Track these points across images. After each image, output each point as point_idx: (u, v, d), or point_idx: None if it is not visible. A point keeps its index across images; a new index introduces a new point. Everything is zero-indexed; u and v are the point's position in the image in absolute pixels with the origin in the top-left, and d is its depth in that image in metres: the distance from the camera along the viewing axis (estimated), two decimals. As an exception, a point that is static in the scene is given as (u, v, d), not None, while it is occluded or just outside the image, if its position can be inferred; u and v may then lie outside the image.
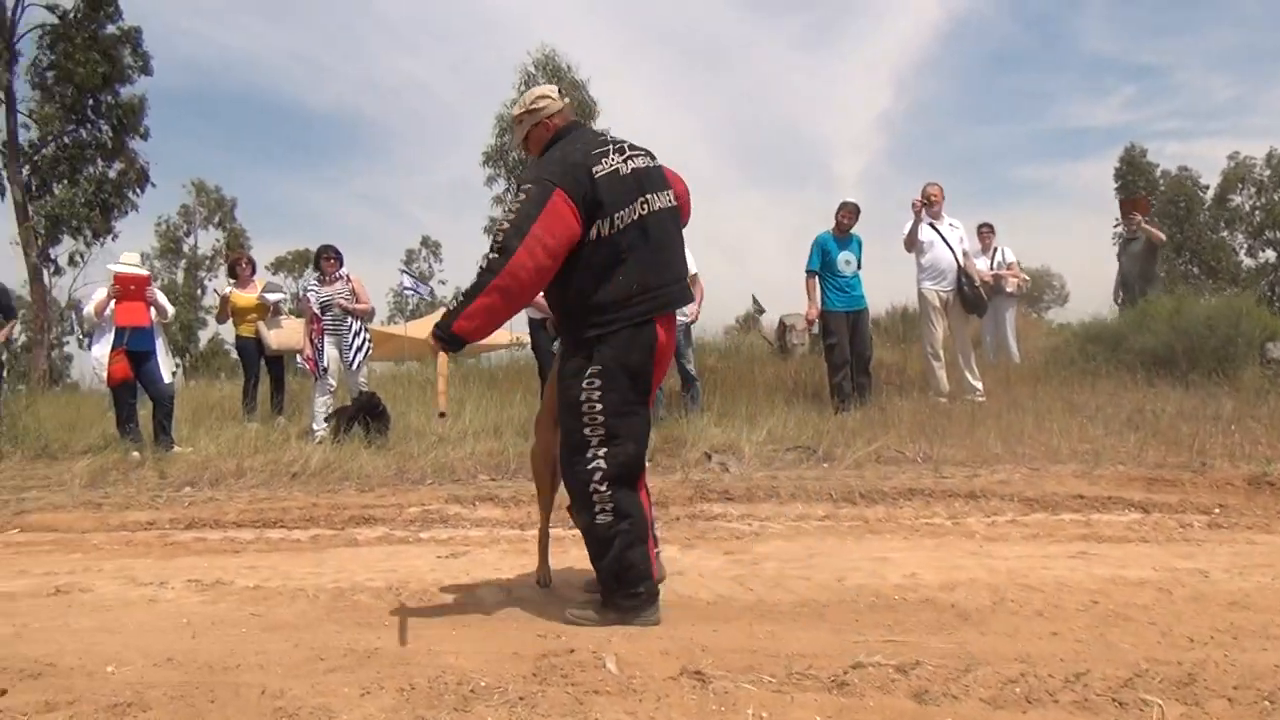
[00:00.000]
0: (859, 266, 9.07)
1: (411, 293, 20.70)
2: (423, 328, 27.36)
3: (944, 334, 9.45)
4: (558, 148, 3.76)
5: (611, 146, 3.73)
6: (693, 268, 8.48)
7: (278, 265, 57.24)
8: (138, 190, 27.77)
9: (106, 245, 26.65)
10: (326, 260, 9.06)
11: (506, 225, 3.50)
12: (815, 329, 9.73)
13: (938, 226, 9.31)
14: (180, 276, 50.66)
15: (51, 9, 25.50)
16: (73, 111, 26.28)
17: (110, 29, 26.40)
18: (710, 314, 14.91)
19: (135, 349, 8.47)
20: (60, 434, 9.23)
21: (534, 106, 3.90)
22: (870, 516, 5.81)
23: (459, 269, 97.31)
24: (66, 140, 26.42)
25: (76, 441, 9.10)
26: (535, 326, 8.36)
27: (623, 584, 3.70)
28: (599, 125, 36.59)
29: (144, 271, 8.85)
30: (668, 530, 5.71)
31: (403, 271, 25.22)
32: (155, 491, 7.25)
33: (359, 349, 9.02)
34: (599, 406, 3.63)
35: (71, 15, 25.61)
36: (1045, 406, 8.43)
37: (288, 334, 10.11)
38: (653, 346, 3.69)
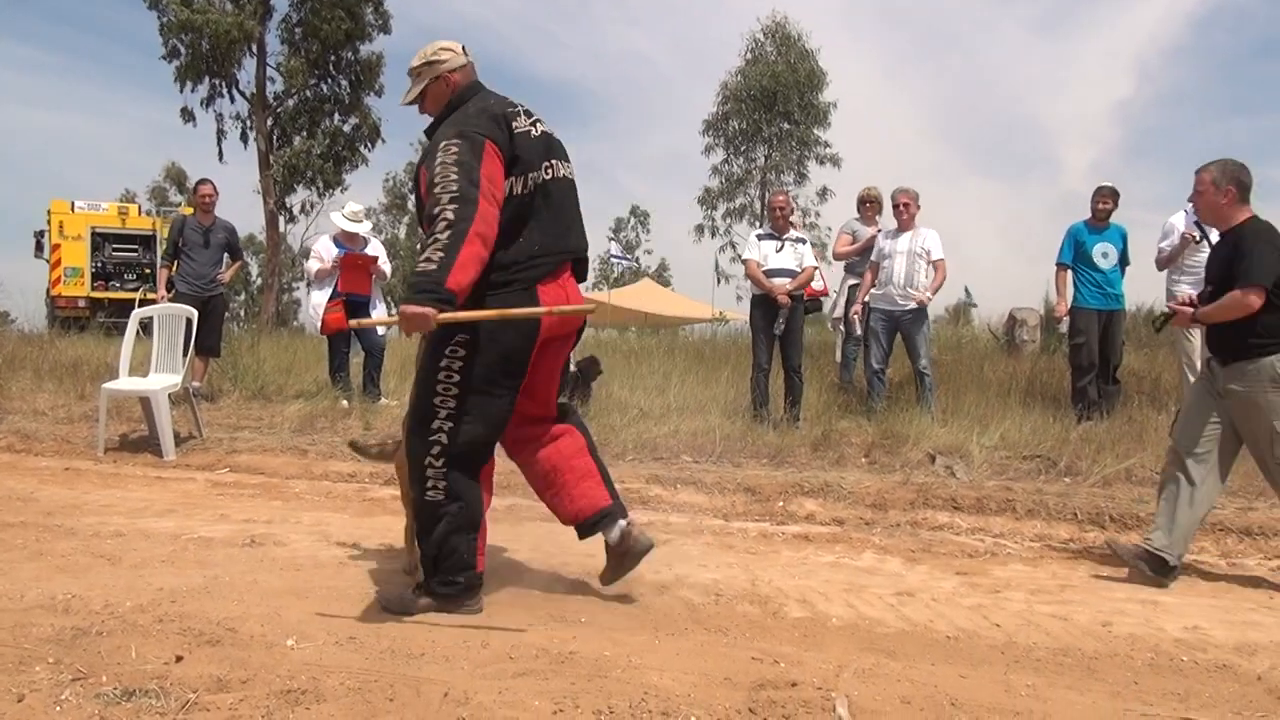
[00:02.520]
0: (1121, 261, 8.06)
1: (618, 260, 20.59)
2: (627, 296, 27.43)
3: (1201, 345, 8.33)
4: (473, 103, 3.51)
5: (520, 108, 3.54)
6: (938, 253, 7.79)
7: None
8: (369, 145, 28.95)
9: (335, 196, 27.95)
10: None
11: (455, 177, 3.21)
12: (1063, 326, 8.77)
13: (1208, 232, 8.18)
14: (402, 232, 52.88)
15: (302, -35, 26.76)
16: (316, 66, 27.57)
17: (355, -14, 27.46)
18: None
19: (353, 300, 8.53)
20: (277, 377, 9.43)
21: (434, 58, 3.60)
22: (1127, 546, 5.05)
23: (664, 239, 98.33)
24: (308, 94, 27.77)
25: (291, 385, 9.27)
26: (758, 302, 7.88)
27: (440, 569, 3.43)
28: (827, 97, 35.69)
29: (370, 252, 8.86)
30: (888, 538, 5.15)
31: (610, 240, 25.18)
32: (359, 443, 7.21)
33: None
34: (456, 378, 3.36)
35: (321, -30, 26.78)
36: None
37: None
38: (533, 333, 3.41)
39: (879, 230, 8.74)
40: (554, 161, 3.55)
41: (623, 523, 3.73)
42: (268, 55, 27.17)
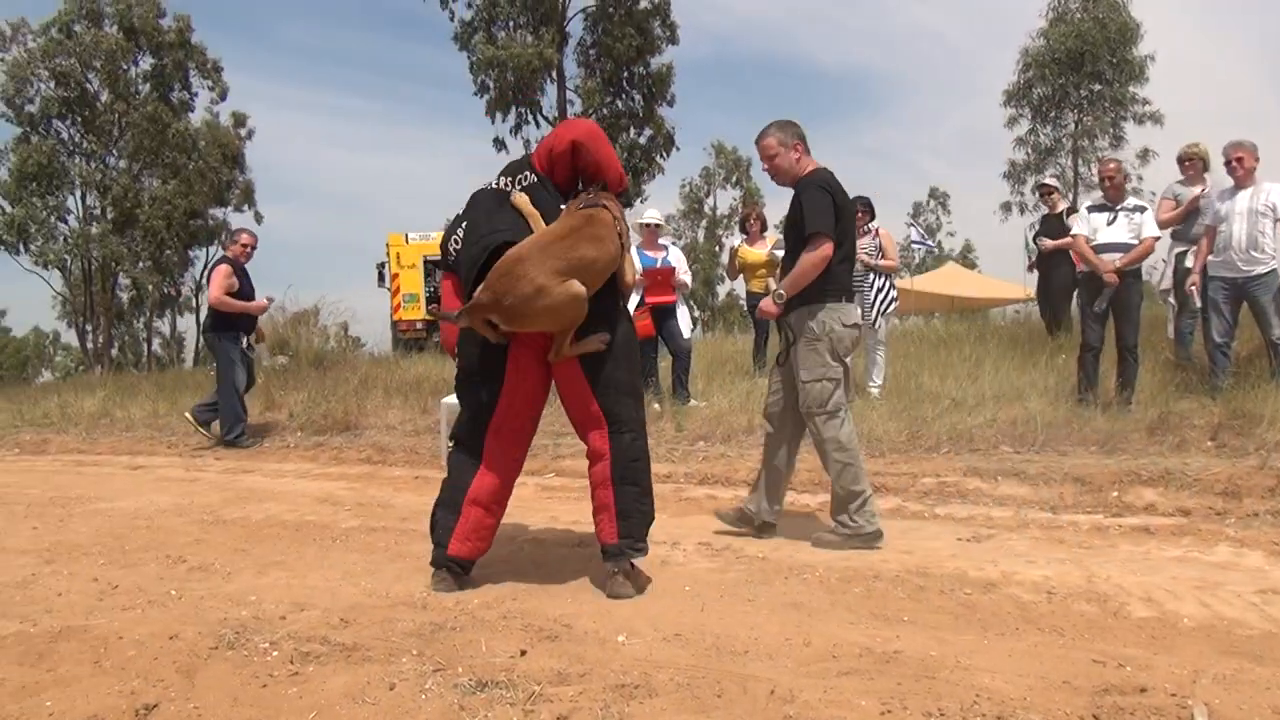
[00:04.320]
0: None
1: (919, 246, 19.93)
2: (930, 281, 26.54)
3: None
4: None
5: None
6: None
7: (789, 222, 58.99)
8: (664, 154, 29.84)
9: (635, 207, 28.98)
10: (856, 213, 8.72)
11: None
12: None
13: None
14: (700, 235, 54.05)
15: (593, -9, 28.06)
16: (610, 84, 28.80)
17: (643, 4, 28.45)
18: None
19: (659, 309, 8.83)
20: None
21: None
22: None
23: (968, 220, 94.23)
24: (605, 111, 29.02)
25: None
26: (1085, 279, 7.37)
27: (435, 533, 3.92)
28: (1142, 50, 32.73)
29: (671, 261, 9.12)
30: (1245, 529, 4.65)
31: (909, 225, 24.46)
32: (672, 444, 7.44)
33: (884, 304, 8.62)
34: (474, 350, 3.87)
35: (611, -6, 27.98)
36: None
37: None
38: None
39: (1204, 191, 7.95)
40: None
41: (610, 566, 3.78)
42: (566, 79, 28.67)
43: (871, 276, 8.53)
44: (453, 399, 7.68)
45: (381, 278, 21.03)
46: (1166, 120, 33.95)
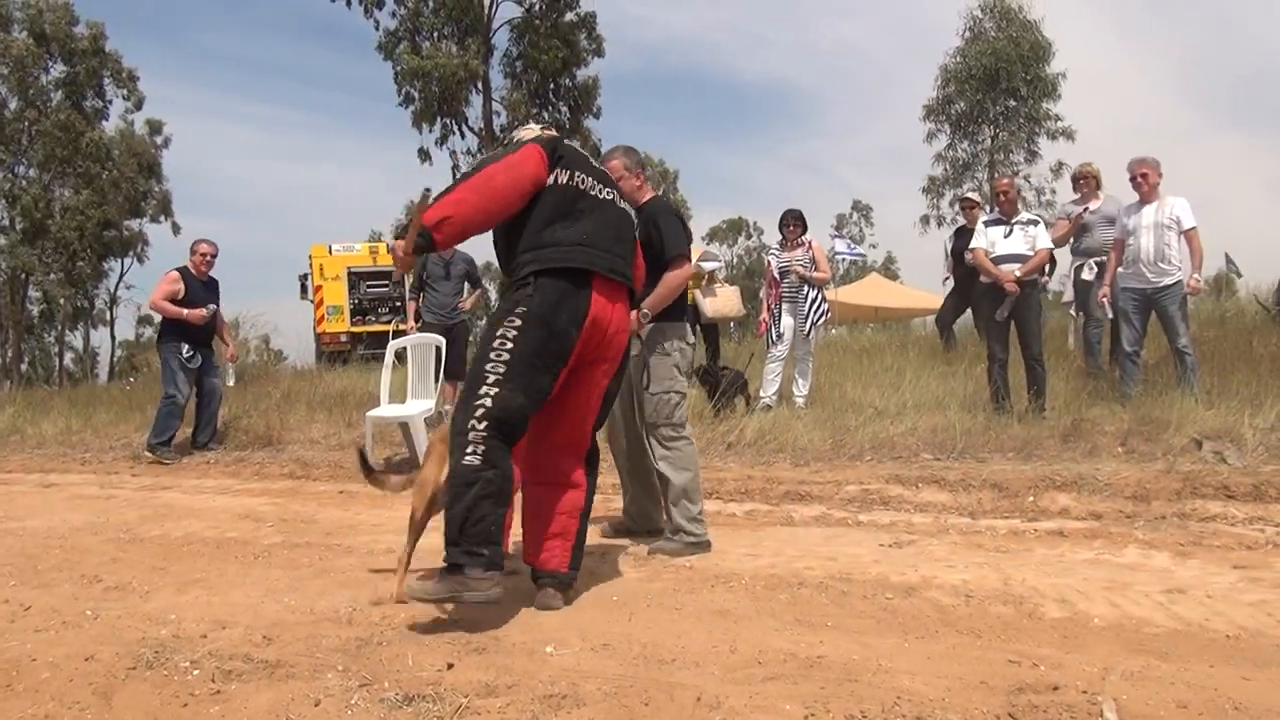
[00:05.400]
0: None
1: (844, 257, 20.27)
2: (854, 292, 26.95)
3: None
4: None
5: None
6: (1189, 221, 7.25)
7: (712, 234, 59.50)
8: (592, 165, 29.86)
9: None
10: (788, 226, 8.86)
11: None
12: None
13: None
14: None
15: (519, 1, 28.03)
16: (536, 96, 28.78)
17: (569, 16, 28.51)
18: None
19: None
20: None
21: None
22: None
23: (890, 232, 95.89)
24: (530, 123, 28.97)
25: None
26: (984, 291, 7.59)
27: (467, 536, 3.40)
28: (1055, 68, 33.76)
29: None
30: (1153, 531, 4.82)
31: (834, 236, 24.83)
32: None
33: (817, 315, 8.75)
34: (510, 345, 3.55)
35: (536, 6, 27.99)
36: None
37: (723, 302, 10.08)
38: (581, 319, 3.66)
39: (1084, 209, 8.36)
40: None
41: (549, 592, 3.79)
42: (492, 91, 28.58)
43: (805, 288, 8.67)
44: (378, 412, 7.66)
45: (304, 290, 20.73)
46: (1078, 135, 35.12)
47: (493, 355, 3.57)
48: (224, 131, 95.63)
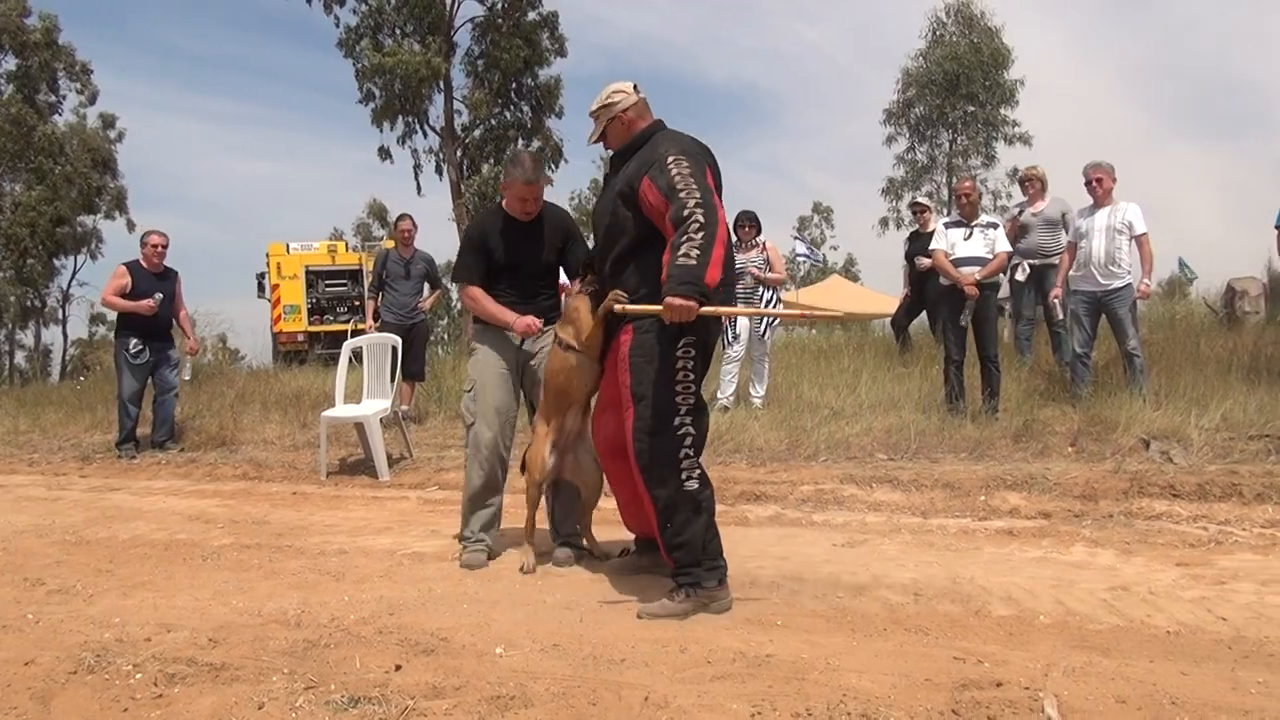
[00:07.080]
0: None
1: (805, 259, 20.37)
2: (815, 294, 27.10)
3: None
4: (667, 134, 3.86)
5: None
6: (1141, 227, 7.36)
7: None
8: (553, 166, 29.77)
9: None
10: (742, 227, 8.88)
11: (696, 185, 3.53)
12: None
13: None
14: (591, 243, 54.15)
15: (481, 0, 27.89)
16: (499, 95, 28.62)
17: (531, 16, 28.40)
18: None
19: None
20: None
21: (609, 101, 3.97)
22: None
23: (851, 234, 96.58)
24: (493, 123, 28.86)
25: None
26: (945, 293, 7.67)
27: (709, 554, 3.63)
28: (1013, 75, 34.27)
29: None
30: (1099, 530, 4.89)
31: (795, 238, 24.91)
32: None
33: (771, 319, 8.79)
34: (693, 375, 3.67)
35: (499, 4, 27.86)
36: None
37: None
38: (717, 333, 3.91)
39: (1023, 211, 8.61)
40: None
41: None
42: (454, 89, 28.39)
43: (760, 289, 8.71)
44: (333, 412, 7.58)
45: (261, 288, 20.50)
46: (1035, 141, 35.58)
47: (679, 387, 3.66)
48: (181, 127, 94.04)
